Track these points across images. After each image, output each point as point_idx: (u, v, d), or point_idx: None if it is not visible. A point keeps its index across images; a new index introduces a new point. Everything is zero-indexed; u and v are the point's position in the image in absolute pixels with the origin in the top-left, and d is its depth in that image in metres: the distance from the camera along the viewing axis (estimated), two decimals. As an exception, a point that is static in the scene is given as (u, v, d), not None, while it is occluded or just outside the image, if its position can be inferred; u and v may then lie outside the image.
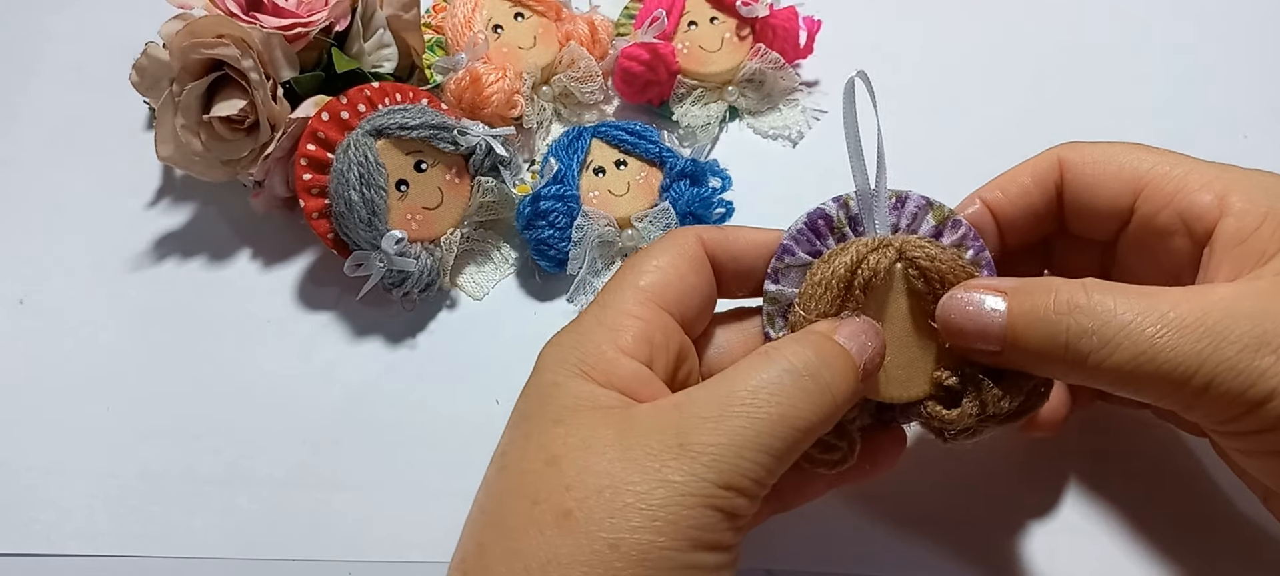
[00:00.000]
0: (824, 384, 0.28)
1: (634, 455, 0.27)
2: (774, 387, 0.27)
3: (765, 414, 0.27)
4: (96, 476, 0.42)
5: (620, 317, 0.30)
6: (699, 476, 0.26)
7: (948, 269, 0.32)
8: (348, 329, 0.46)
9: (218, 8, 0.45)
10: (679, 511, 0.26)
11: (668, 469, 0.26)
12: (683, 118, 0.51)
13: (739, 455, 0.26)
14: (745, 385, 0.28)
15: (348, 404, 0.44)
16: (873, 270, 0.32)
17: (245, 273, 0.48)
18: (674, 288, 0.31)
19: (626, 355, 0.30)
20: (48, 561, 0.40)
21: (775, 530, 0.39)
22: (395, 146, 0.44)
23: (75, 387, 0.44)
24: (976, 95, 0.53)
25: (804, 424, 0.27)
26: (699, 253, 0.32)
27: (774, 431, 0.27)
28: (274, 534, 0.40)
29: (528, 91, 0.49)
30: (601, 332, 0.30)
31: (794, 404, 0.27)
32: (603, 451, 0.27)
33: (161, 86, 0.45)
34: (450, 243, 0.45)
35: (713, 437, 0.26)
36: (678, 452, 0.26)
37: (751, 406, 0.27)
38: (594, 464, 0.27)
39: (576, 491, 0.26)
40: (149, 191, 0.51)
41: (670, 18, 0.51)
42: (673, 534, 0.26)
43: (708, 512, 0.26)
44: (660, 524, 0.26)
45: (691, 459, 0.26)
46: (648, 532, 0.26)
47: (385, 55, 0.48)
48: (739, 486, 0.26)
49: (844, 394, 0.29)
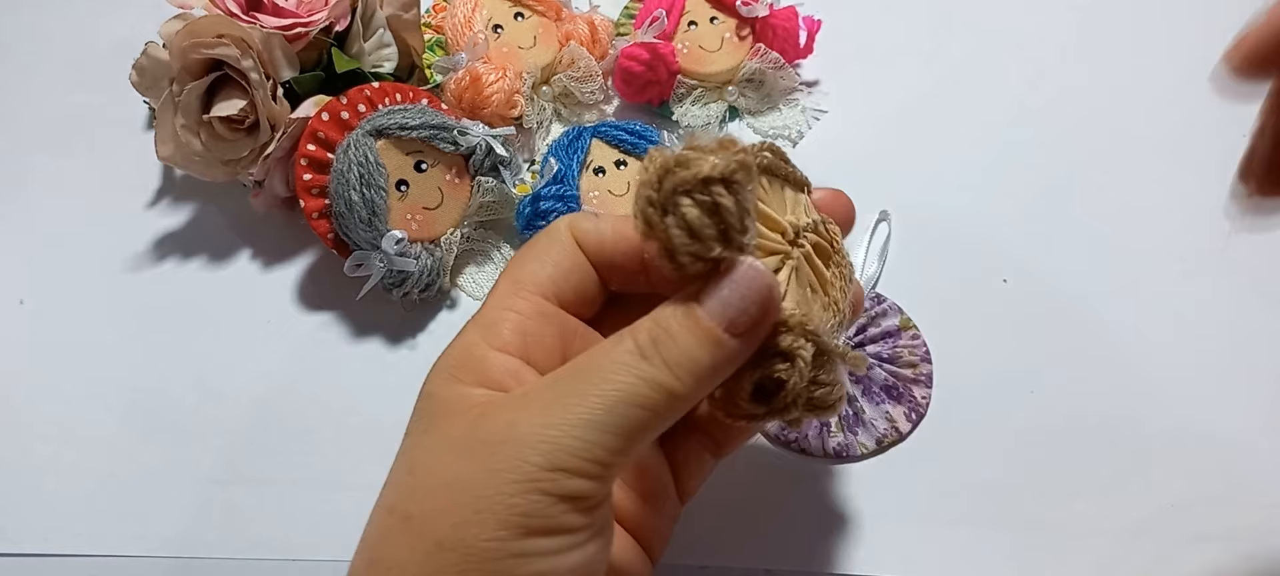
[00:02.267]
0: (672, 359, 0.27)
1: (471, 448, 0.27)
2: (614, 367, 0.27)
3: (598, 393, 0.26)
4: (96, 476, 0.42)
5: (493, 313, 0.30)
6: (524, 460, 0.25)
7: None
8: (348, 329, 0.46)
9: (218, 8, 0.45)
10: (505, 499, 0.25)
11: (496, 457, 0.26)
12: (683, 118, 0.51)
13: (569, 436, 0.26)
14: (589, 364, 0.27)
15: (348, 404, 0.44)
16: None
17: (245, 273, 0.48)
18: (547, 273, 0.31)
19: (499, 350, 0.29)
20: (48, 561, 0.40)
21: (775, 530, 0.39)
22: (395, 146, 0.44)
23: (75, 387, 0.44)
24: (977, 95, 0.53)
25: (644, 402, 0.26)
26: (569, 239, 0.31)
27: (610, 410, 0.26)
28: (274, 534, 0.40)
29: (528, 91, 0.49)
30: (475, 333, 0.30)
31: (630, 383, 0.26)
32: (447, 450, 0.27)
33: (161, 86, 0.45)
34: (450, 243, 0.45)
35: (541, 420, 0.26)
36: (507, 439, 0.26)
37: (586, 386, 0.26)
38: (437, 463, 0.27)
39: (418, 494, 0.27)
40: (149, 191, 0.51)
41: (670, 18, 0.51)
42: (496, 524, 0.25)
43: (536, 498, 0.25)
44: (484, 515, 0.25)
45: (517, 444, 0.26)
46: (473, 525, 0.25)
47: (385, 55, 0.48)
48: (570, 467, 0.26)
49: (701, 364, 0.27)
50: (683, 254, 0.26)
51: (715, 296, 0.27)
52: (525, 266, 0.31)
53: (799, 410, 0.28)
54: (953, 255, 0.47)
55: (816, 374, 0.28)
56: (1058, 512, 0.39)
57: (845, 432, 0.41)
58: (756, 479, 0.40)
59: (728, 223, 0.26)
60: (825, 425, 0.41)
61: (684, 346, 0.26)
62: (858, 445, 0.41)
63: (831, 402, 0.29)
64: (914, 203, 0.48)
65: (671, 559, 0.38)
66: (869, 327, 0.43)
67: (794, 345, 0.27)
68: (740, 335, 0.27)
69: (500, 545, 0.25)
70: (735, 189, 0.26)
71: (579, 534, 0.26)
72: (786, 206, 0.30)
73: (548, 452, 0.25)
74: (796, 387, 0.27)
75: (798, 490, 0.40)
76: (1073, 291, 0.45)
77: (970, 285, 0.46)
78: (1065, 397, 0.42)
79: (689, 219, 0.26)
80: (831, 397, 0.29)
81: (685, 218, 0.26)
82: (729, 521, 0.39)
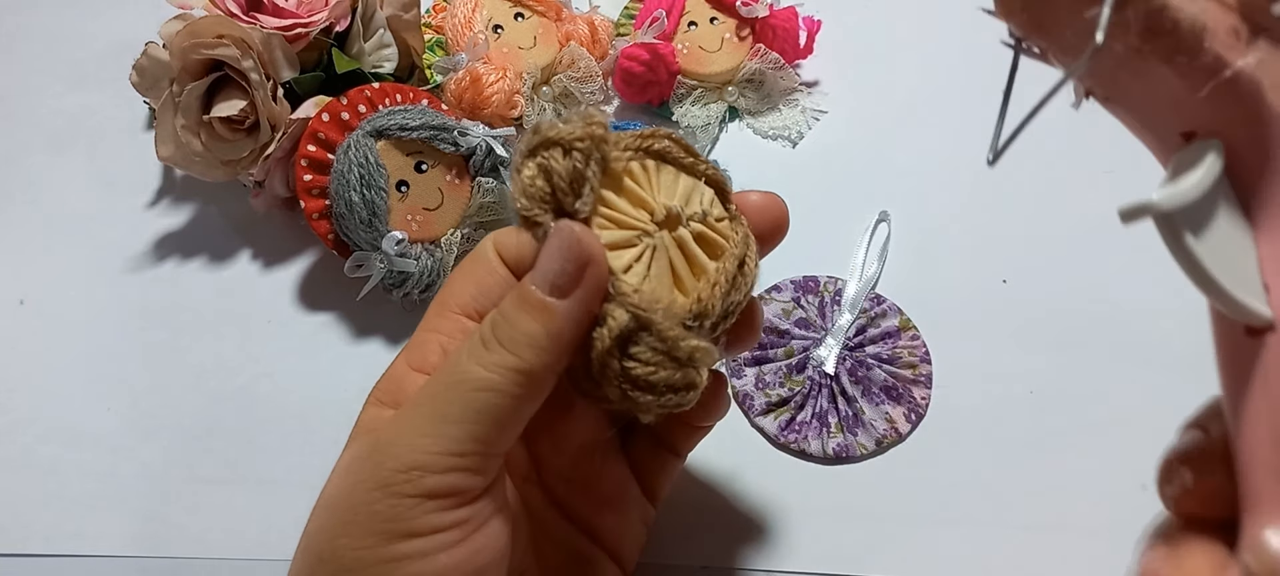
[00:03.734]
0: (506, 338, 0.26)
1: (350, 465, 0.27)
2: (459, 358, 0.27)
3: (445, 386, 0.27)
4: (96, 476, 0.42)
5: (419, 336, 0.31)
6: (381, 466, 0.26)
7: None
8: (348, 329, 0.46)
9: (218, 8, 0.45)
10: (367, 508, 0.26)
11: (363, 469, 0.26)
12: (683, 118, 0.51)
13: (420, 433, 0.26)
14: (445, 364, 0.27)
15: (348, 404, 0.43)
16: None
17: (245, 273, 0.48)
18: (466, 290, 0.31)
19: (418, 371, 0.30)
20: (48, 561, 0.40)
21: (775, 530, 0.39)
22: (395, 147, 0.44)
23: (75, 387, 0.44)
24: (977, 95, 0.53)
25: (490, 385, 0.26)
26: (490, 254, 0.31)
27: (456, 400, 0.26)
28: (274, 534, 0.40)
29: (528, 92, 0.49)
30: (404, 355, 0.31)
31: (473, 370, 0.26)
32: (338, 470, 0.28)
33: (161, 86, 0.45)
34: (450, 243, 0.45)
35: (397, 425, 0.27)
36: (373, 451, 0.27)
37: (438, 385, 0.27)
38: (330, 484, 0.28)
39: (314, 513, 0.28)
40: (149, 191, 0.51)
41: (670, 18, 0.51)
42: (362, 532, 0.26)
43: (395, 501, 0.26)
44: (350, 526, 0.26)
45: (379, 453, 0.26)
46: (342, 537, 0.26)
47: (385, 55, 0.48)
48: (424, 464, 0.26)
49: (536, 335, 0.26)
50: (521, 213, 0.27)
51: (538, 263, 0.27)
52: (451, 288, 0.31)
53: (614, 386, 0.27)
54: (953, 255, 0.47)
55: (635, 349, 0.27)
56: (1057, 512, 0.39)
57: (845, 433, 0.41)
58: (756, 479, 0.40)
59: (556, 185, 0.27)
60: (825, 426, 0.41)
61: (515, 321, 0.27)
62: (857, 446, 0.41)
63: (655, 384, 0.27)
64: (914, 203, 0.48)
65: (671, 559, 0.38)
66: (869, 328, 0.43)
67: (605, 310, 0.27)
68: (566, 295, 0.26)
69: (367, 552, 0.26)
70: (572, 155, 0.27)
71: (452, 532, 0.26)
72: (667, 191, 0.30)
73: (402, 454, 0.26)
74: (600, 353, 0.27)
75: (798, 490, 0.40)
76: (1073, 291, 0.45)
77: (970, 285, 0.46)
78: (1065, 398, 0.42)
79: (525, 178, 0.27)
80: (655, 378, 0.27)
81: (523, 178, 0.27)
82: (729, 521, 0.39)
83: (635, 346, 0.27)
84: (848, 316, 0.43)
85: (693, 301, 0.29)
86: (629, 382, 0.27)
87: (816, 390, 0.42)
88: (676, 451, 0.36)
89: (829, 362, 0.42)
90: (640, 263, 0.28)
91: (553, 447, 0.34)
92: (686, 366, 0.28)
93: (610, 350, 0.27)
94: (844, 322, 0.43)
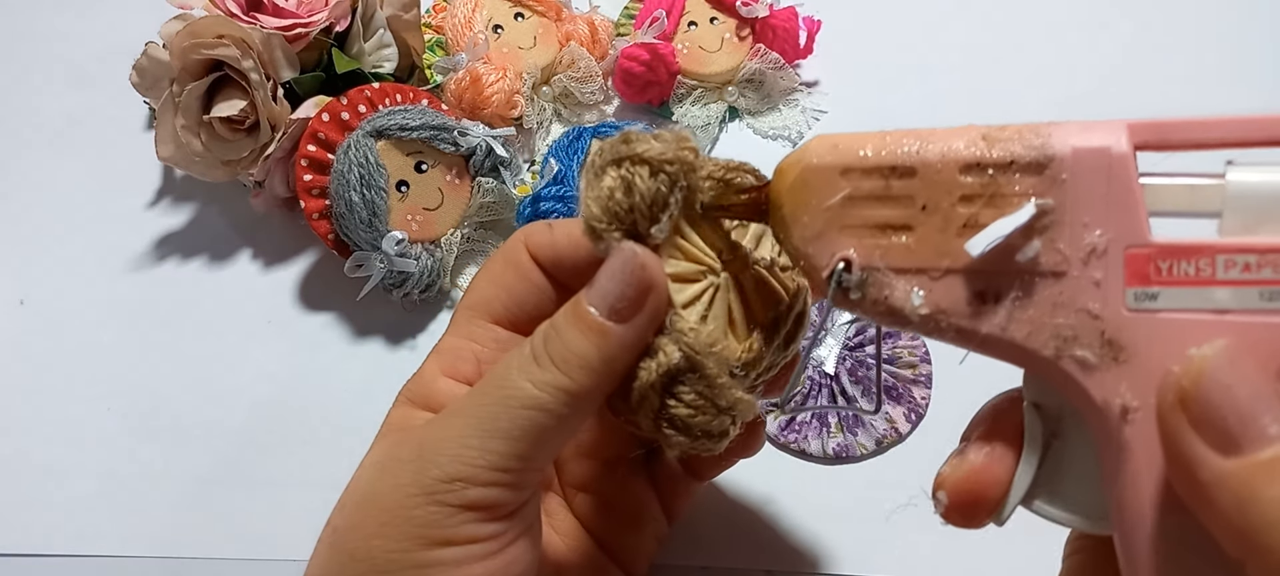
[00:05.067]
0: (559, 356, 0.26)
1: (387, 466, 0.27)
2: (508, 372, 0.27)
3: (493, 401, 0.26)
4: (96, 476, 0.42)
5: (447, 341, 0.31)
6: (424, 474, 0.26)
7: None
8: (348, 329, 0.46)
9: (218, 8, 0.45)
10: (406, 512, 0.26)
11: (403, 472, 0.27)
12: (683, 118, 0.51)
13: (465, 446, 0.26)
14: (491, 375, 0.27)
15: (348, 404, 0.44)
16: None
17: (245, 273, 0.48)
18: (499, 298, 0.31)
19: (446, 376, 0.30)
20: (48, 561, 0.40)
21: (775, 530, 0.39)
22: (395, 147, 0.44)
23: (75, 387, 0.44)
24: (977, 96, 0.53)
25: (538, 403, 0.26)
26: (523, 257, 0.31)
27: (504, 416, 0.26)
28: (274, 534, 0.40)
29: (528, 92, 0.49)
30: (432, 360, 0.31)
31: (523, 387, 0.26)
32: (371, 468, 0.28)
33: (161, 86, 0.45)
34: (450, 243, 0.45)
35: (443, 433, 0.27)
36: (415, 456, 0.27)
37: (484, 397, 0.27)
38: (361, 482, 0.28)
39: (345, 510, 0.28)
40: (149, 191, 0.51)
41: (670, 18, 0.51)
42: (399, 536, 0.26)
43: (435, 509, 0.26)
44: (388, 527, 0.26)
45: (422, 460, 0.26)
46: (378, 538, 0.26)
47: (385, 55, 0.48)
48: (468, 477, 0.26)
49: (589, 357, 0.26)
50: (588, 221, 0.26)
51: (596, 282, 0.26)
52: (481, 292, 0.31)
53: (649, 418, 0.27)
54: (952, 255, 0.47)
55: (680, 389, 0.26)
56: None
57: (845, 433, 0.41)
58: (756, 479, 0.40)
59: (635, 204, 0.26)
60: (825, 426, 0.41)
61: (569, 340, 0.26)
62: (857, 445, 0.41)
63: (692, 427, 0.27)
64: (914, 203, 0.48)
65: (672, 559, 0.38)
66: (869, 327, 0.43)
67: (657, 343, 0.26)
68: (625, 321, 0.26)
69: (402, 556, 0.26)
70: (660, 177, 0.26)
71: (487, 543, 0.27)
72: (748, 235, 0.29)
73: (446, 464, 0.26)
74: (643, 385, 0.26)
75: (798, 490, 0.40)
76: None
77: (970, 285, 0.46)
78: (1065, 398, 0.42)
79: (604, 188, 0.26)
80: (693, 421, 0.27)
81: (602, 188, 0.26)
82: (729, 521, 0.39)
83: (680, 386, 0.26)
84: (848, 316, 0.43)
85: (745, 349, 0.28)
86: (665, 420, 0.27)
87: (816, 390, 0.42)
88: (699, 476, 0.36)
89: (829, 362, 0.42)
90: (701, 301, 0.27)
91: (577, 459, 0.34)
92: (725, 414, 0.27)
93: (654, 385, 0.26)
94: (844, 322, 0.43)
